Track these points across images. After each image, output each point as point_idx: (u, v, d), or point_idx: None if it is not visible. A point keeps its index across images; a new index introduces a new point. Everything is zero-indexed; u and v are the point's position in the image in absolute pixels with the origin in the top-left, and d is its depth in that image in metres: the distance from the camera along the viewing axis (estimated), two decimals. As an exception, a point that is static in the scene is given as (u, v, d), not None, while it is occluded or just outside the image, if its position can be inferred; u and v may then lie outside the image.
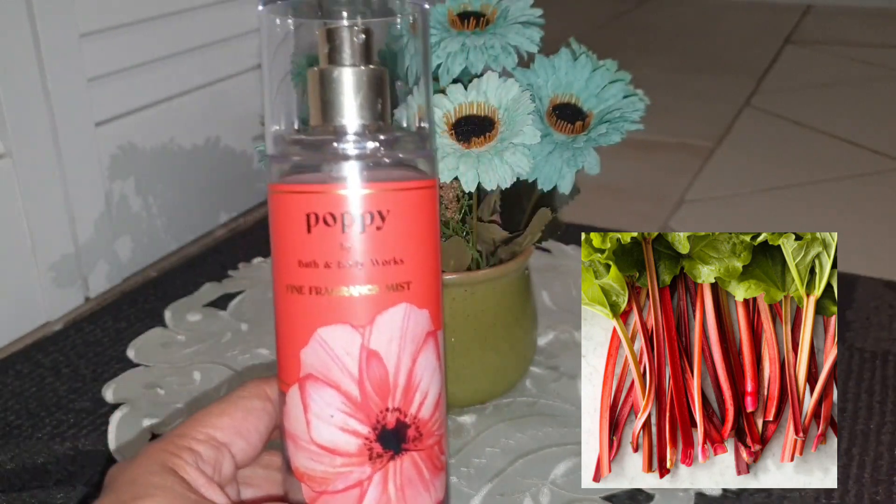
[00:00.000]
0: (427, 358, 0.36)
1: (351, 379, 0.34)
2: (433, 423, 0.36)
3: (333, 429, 0.35)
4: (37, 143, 0.74)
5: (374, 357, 0.35)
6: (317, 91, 0.35)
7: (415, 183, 0.35)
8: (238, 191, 0.98)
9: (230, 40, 0.94)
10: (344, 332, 0.34)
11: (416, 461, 0.36)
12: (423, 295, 0.35)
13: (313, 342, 0.35)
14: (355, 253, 0.34)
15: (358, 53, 0.35)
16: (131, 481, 0.33)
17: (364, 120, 0.35)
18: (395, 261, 0.35)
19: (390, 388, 0.35)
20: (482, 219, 0.60)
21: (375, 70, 0.35)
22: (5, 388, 0.68)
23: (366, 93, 0.35)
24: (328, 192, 0.34)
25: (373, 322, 0.34)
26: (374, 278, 0.34)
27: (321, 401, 0.35)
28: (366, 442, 0.35)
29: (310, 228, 0.34)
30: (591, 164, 0.55)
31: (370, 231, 0.34)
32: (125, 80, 0.83)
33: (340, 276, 0.34)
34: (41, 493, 0.57)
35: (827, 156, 1.14)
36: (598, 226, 0.93)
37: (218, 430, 0.37)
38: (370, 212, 0.34)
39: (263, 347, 0.72)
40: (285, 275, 0.35)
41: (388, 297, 0.34)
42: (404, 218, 0.35)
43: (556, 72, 0.57)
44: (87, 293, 0.81)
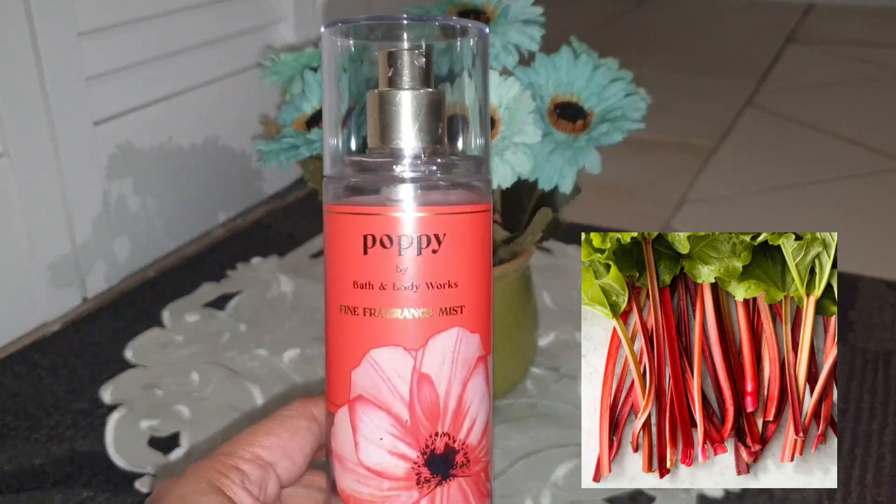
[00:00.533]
0: (477, 383, 0.36)
1: (402, 402, 0.35)
2: (481, 449, 0.37)
3: (382, 451, 0.35)
4: (35, 142, 0.74)
5: (425, 380, 0.35)
6: (376, 113, 0.36)
7: (470, 207, 0.35)
8: (237, 191, 0.98)
9: (229, 39, 0.94)
10: (396, 354, 0.34)
11: (463, 487, 0.36)
12: (476, 319, 0.36)
13: (365, 363, 0.35)
14: (410, 275, 0.34)
15: (417, 77, 0.36)
16: (180, 499, 0.33)
17: (422, 143, 0.35)
18: (450, 284, 0.35)
19: (440, 412, 0.35)
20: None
21: (434, 94, 0.36)
22: (2, 389, 0.68)
23: (424, 116, 0.35)
24: (386, 214, 0.34)
25: (425, 345, 0.35)
26: (428, 301, 0.34)
27: (371, 423, 0.35)
28: (414, 466, 0.35)
29: (366, 250, 0.34)
30: (592, 163, 0.55)
31: (426, 254, 0.34)
32: (124, 79, 0.82)
33: (395, 298, 0.34)
34: (39, 495, 0.57)
35: (829, 155, 1.14)
36: (598, 226, 0.93)
37: (265, 450, 0.37)
38: (427, 234, 0.34)
39: (262, 348, 0.72)
40: (340, 295, 0.35)
41: (441, 321, 0.35)
42: (460, 241, 0.35)
43: (557, 70, 0.57)
44: (84, 293, 0.81)
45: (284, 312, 0.77)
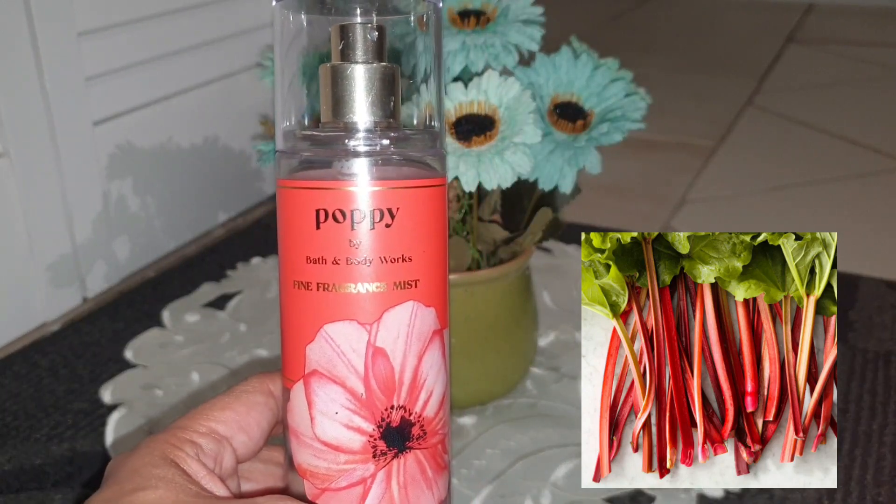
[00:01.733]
0: (433, 356, 0.36)
1: (357, 376, 0.34)
2: (437, 421, 0.36)
3: (338, 426, 0.35)
4: (34, 142, 0.74)
5: (380, 354, 0.34)
6: (328, 87, 0.35)
7: (425, 181, 0.35)
8: (236, 190, 0.98)
9: (228, 39, 0.94)
10: (351, 328, 0.34)
11: (420, 459, 0.36)
12: (431, 293, 0.36)
13: (319, 338, 0.34)
14: (364, 250, 0.34)
15: (370, 51, 0.35)
16: (133, 472, 0.33)
17: (375, 117, 0.35)
18: (404, 258, 0.35)
19: (396, 385, 0.35)
20: (483, 218, 0.60)
21: (387, 67, 0.35)
22: (2, 389, 0.68)
23: (377, 90, 0.35)
24: (338, 189, 0.34)
25: (380, 319, 0.34)
26: (382, 276, 0.34)
27: (326, 397, 0.35)
28: (370, 439, 0.35)
29: (319, 224, 0.34)
30: (592, 163, 0.55)
31: (379, 228, 0.34)
32: (123, 78, 0.82)
33: (349, 272, 0.34)
34: (39, 495, 0.57)
35: (829, 155, 1.14)
36: (598, 226, 0.93)
37: (220, 424, 0.36)
38: (380, 209, 0.34)
39: (262, 348, 0.72)
40: (292, 270, 0.35)
41: (395, 295, 0.34)
42: (414, 216, 0.35)
43: (557, 70, 0.57)
44: (84, 293, 0.81)
45: (284, 312, 0.77)
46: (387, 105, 0.35)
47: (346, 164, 0.34)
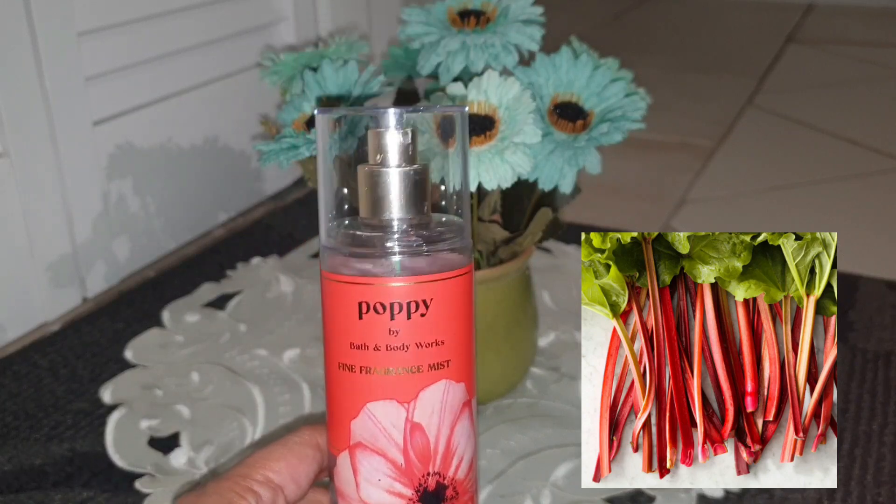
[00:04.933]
0: (463, 425, 0.40)
1: (396, 448, 0.39)
2: (468, 481, 0.41)
3: (381, 491, 0.39)
4: (34, 142, 0.74)
5: (417, 429, 0.39)
6: (366, 188, 0.39)
7: (453, 272, 0.39)
8: (237, 191, 0.98)
9: (229, 39, 0.94)
10: (390, 407, 0.39)
11: None
12: (461, 370, 0.40)
13: (363, 415, 0.39)
14: (402, 337, 0.38)
15: (403, 155, 0.39)
16: None
17: (409, 215, 0.39)
18: (437, 342, 0.39)
19: (431, 455, 0.39)
20: (482, 218, 0.60)
21: (418, 170, 0.39)
22: (2, 389, 0.68)
23: (409, 191, 0.39)
24: (379, 284, 0.38)
25: (416, 398, 0.39)
26: (418, 359, 0.39)
27: (370, 466, 0.39)
28: (409, 502, 0.39)
29: (361, 315, 0.38)
30: (592, 163, 0.55)
31: (415, 318, 0.38)
32: (123, 78, 0.82)
33: (388, 357, 0.38)
34: (39, 495, 0.57)
35: (829, 155, 1.14)
36: (598, 226, 0.93)
37: (275, 474, 0.41)
38: (416, 300, 0.38)
39: (262, 348, 0.72)
40: (337, 354, 0.40)
41: (430, 376, 0.39)
42: (446, 304, 0.39)
43: (557, 70, 0.57)
44: (84, 293, 0.81)
45: (284, 312, 0.77)
46: (418, 203, 0.39)
47: (385, 261, 0.39)
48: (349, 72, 0.57)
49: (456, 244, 0.40)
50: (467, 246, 0.40)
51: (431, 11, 0.58)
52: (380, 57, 1.06)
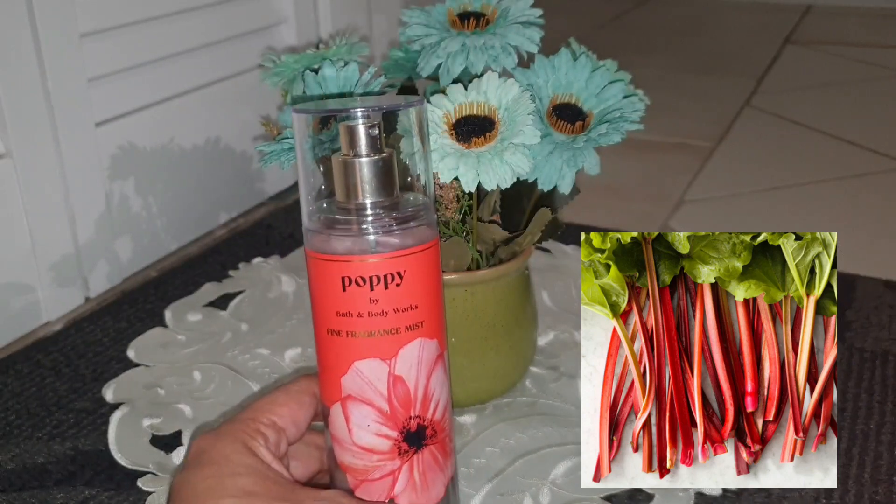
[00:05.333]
0: (437, 375, 0.46)
1: (382, 398, 0.45)
2: (444, 421, 0.47)
3: (370, 435, 0.45)
4: (37, 143, 0.74)
5: (399, 381, 0.45)
6: (340, 176, 0.45)
7: (423, 246, 0.45)
8: (238, 191, 0.98)
9: (230, 41, 0.94)
10: (375, 364, 0.45)
11: (433, 451, 0.47)
12: (433, 329, 0.46)
13: (351, 372, 0.45)
14: (381, 304, 0.44)
15: (371, 145, 0.44)
16: (225, 458, 0.44)
17: (380, 198, 0.44)
18: (412, 307, 0.44)
19: (412, 401, 0.45)
20: (482, 219, 0.60)
21: (386, 158, 0.44)
22: (5, 388, 0.68)
23: (379, 177, 0.44)
24: (358, 261, 0.44)
25: (397, 355, 0.45)
26: (396, 322, 0.44)
27: (360, 414, 0.45)
28: (395, 442, 0.45)
29: (344, 288, 0.44)
30: (591, 164, 0.55)
31: (392, 287, 0.44)
32: (125, 80, 0.83)
33: (370, 322, 0.44)
34: (41, 493, 0.57)
35: (827, 156, 1.14)
36: (598, 226, 0.93)
37: (279, 418, 0.47)
38: (391, 273, 0.44)
39: (263, 347, 0.72)
40: (325, 321, 0.45)
41: (406, 336, 0.45)
42: (417, 274, 0.44)
43: (556, 72, 0.57)
44: (87, 293, 0.81)
45: (286, 312, 0.77)
46: (388, 186, 0.45)
47: (363, 240, 0.44)
48: (350, 73, 0.58)
49: (423, 220, 0.45)
50: (432, 221, 0.46)
51: (431, 13, 0.59)
52: (380, 58, 1.07)
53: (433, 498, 0.47)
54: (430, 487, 0.47)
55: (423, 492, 0.47)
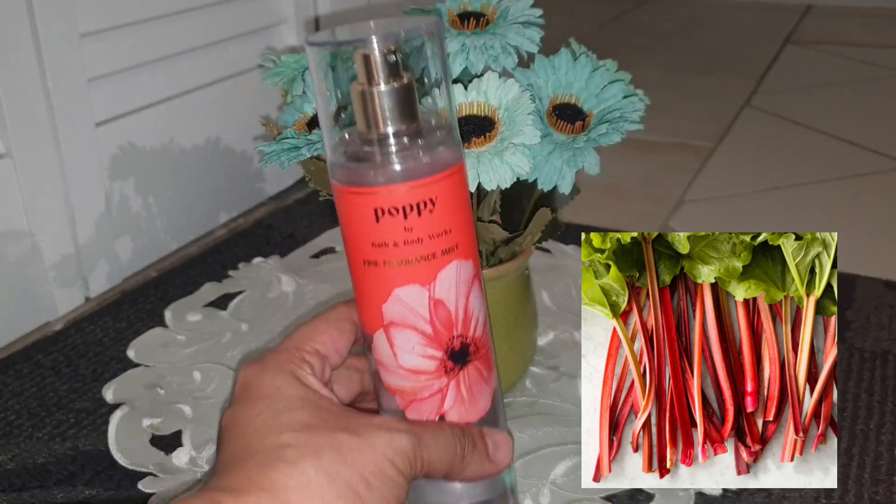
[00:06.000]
0: (475, 294, 0.47)
1: (424, 322, 0.45)
2: (485, 336, 0.48)
3: (416, 357, 0.45)
4: (37, 143, 0.74)
5: (439, 304, 0.45)
6: (360, 107, 0.44)
7: (451, 170, 0.44)
8: (238, 191, 0.98)
9: (230, 41, 0.94)
10: (415, 290, 0.44)
11: (478, 366, 0.47)
12: (467, 250, 0.46)
13: (392, 299, 0.45)
14: (416, 232, 0.44)
15: (391, 71, 0.43)
16: (276, 390, 0.44)
17: (402, 126, 0.43)
18: (446, 231, 0.44)
19: (453, 322, 0.46)
20: (482, 219, 0.60)
21: (406, 83, 0.43)
22: (6, 388, 0.68)
23: (403, 104, 0.43)
24: (391, 191, 0.43)
25: (435, 279, 0.45)
26: (431, 248, 0.44)
27: (404, 339, 0.45)
28: (441, 362, 0.46)
29: (378, 219, 0.43)
30: (591, 164, 0.55)
31: (425, 214, 0.43)
32: (125, 80, 0.83)
33: (407, 250, 0.44)
34: (41, 493, 0.57)
35: (827, 156, 1.14)
36: (598, 226, 0.93)
37: (321, 346, 0.47)
38: (423, 200, 0.43)
39: (263, 347, 0.72)
40: (361, 252, 0.45)
41: (443, 259, 0.45)
42: (448, 199, 0.44)
43: (556, 72, 0.57)
44: (87, 293, 0.81)
45: (286, 312, 0.77)
46: (410, 113, 0.44)
47: (391, 170, 0.43)
48: (351, 73, 0.58)
49: (449, 143, 0.45)
50: (457, 143, 0.45)
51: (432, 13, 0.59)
52: (380, 58, 1.06)
53: (481, 410, 0.48)
54: (477, 400, 0.48)
55: (472, 405, 0.47)
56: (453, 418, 0.47)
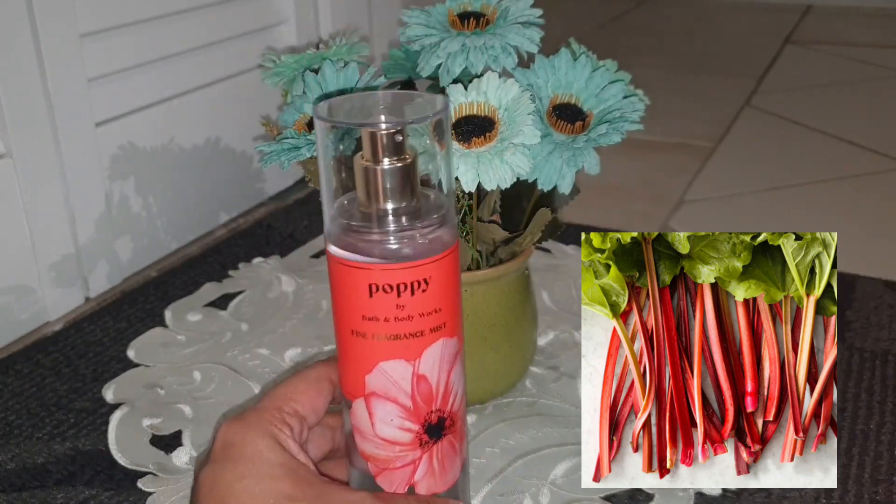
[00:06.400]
0: (456, 370, 0.47)
1: (406, 395, 0.46)
2: (461, 411, 0.48)
3: (393, 428, 0.46)
4: (37, 143, 0.74)
5: (422, 379, 0.46)
6: (362, 182, 0.44)
7: (445, 252, 0.45)
8: (238, 191, 0.98)
9: (230, 41, 0.94)
10: (400, 364, 0.45)
11: (451, 440, 0.48)
12: (453, 328, 0.46)
13: (377, 371, 0.45)
14: (407, 309, 0.44)
15: (394, 150, 0.43)
16: (258, 454, 0.44)
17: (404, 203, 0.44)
18: (436, 310, 0.45)
19: (434, 397, 0.46)
20: (482, 219, 0.60)
21: (409, 162, 0.44)
22: (6, 388, 0.68)
23: (403, 182, 0.44)
24: (386, 269, 0.43)
25: (420, 356, 0.45)
26: (421, 325, 0.45)
27: (383, 410, 0.46)
28: (417, 435, 0.46)
29: (371, 294, 0.44)
30: (591, 164, 0.55)
31: (418, 293, 0.44)
32: (125, 80, 0.83)
33: (397, 326, 0.44)
34: (41, 493, 0.57)
35: (827, 156, 1.14)
36: (598, 226, 0.93)
37: (301, 406, 0.48)
38: (418, 280, 0.44)
39: (263, 347, 0.72)
40: (350, 323, 0.45)
41: (431, 337, 0.45)
42: (441, 278, 0.45)
43: (556, 72, 0.57)
44: (87, 293, 0.81)
45: (286, 312, 0.77)
46: (412, 191, 0.44)
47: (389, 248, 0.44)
48: (350, 73, 0.58)
49: (447, 224, 0.45)
50: (454, 223, 0.46)
51: (432, 13, 0.59)
52: (380, 58, 1.07)
53: (450, 481, 0.49)
54: (447, 472, 0.48)
55: (441, 476, 0.48)
56: (422, 489, 0.48)
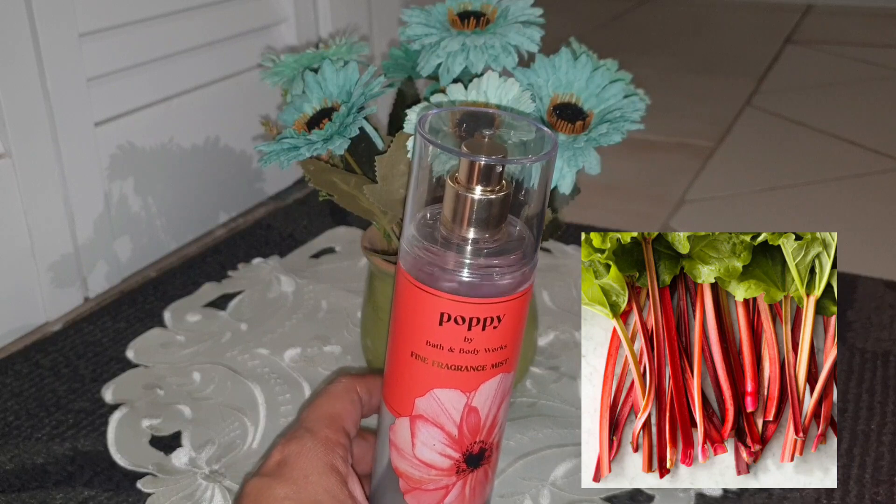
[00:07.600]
0: (506, 403, 0.46)
1: (453, 424, 0.45)
2: (500, 441, 0.48)
3: (434, 453, 0.45)
4: (36, 142, 0.74)
5: (473, 411, 0.45)
6: (452, 205, 0.42)
7: (522, 292, 0.43)
8: (238, 191, 0.98)
9: (230, 40, 0.94)
10: (454, 394, 0.44)
11: (486, 469, 0.47)
12: (512, 363, 0.45)
13: (429, 396, 0.44)
14: (475, 343, 0.43)
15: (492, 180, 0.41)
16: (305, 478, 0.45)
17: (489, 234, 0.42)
18: (502, 347, 0.44)
19: (480, 429, 0.45)
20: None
21: (504, 195, 0.42)
22: (4, 389, 0.68)
23: (493, 214, 0.42)
24: (462, 301, 0.42)
25: (477, 389, 0.44)
26: (485, 360, 0.44)
27: (427, 434, 0.45)
28: (456, 462, 0.46)
29: (441, 322, 0.42)
30: (591, 163, 0.55)
31: (489, 329, 0.43)
32: (125, 79, 0.83)
33: (461, 358, 0.43)
34: (40, 494, 0.57)
35: (827, 156, 1.14)
36: (598, 226, 0.93)
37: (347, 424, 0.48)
38: (490, 316, 0.42)
39: (263, 347, 0.72)
40: (412, 345, 0.44)
41: (491, 372, 0.44)
42: (513, 318, 0.43)
43: (557, 71, 0.57)
44: (86, 293, 0.81)
45: (285, 312, 0.77)
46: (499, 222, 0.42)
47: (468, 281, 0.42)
48: (350, 73, 0.58)
49: (527, 265, 0.43)
50: (535, 264, 0.44)
51: (432, 13, 0.59)
52: (380, 58, 1.06)
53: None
54: (476, 499, 0.48)
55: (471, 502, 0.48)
56: None
